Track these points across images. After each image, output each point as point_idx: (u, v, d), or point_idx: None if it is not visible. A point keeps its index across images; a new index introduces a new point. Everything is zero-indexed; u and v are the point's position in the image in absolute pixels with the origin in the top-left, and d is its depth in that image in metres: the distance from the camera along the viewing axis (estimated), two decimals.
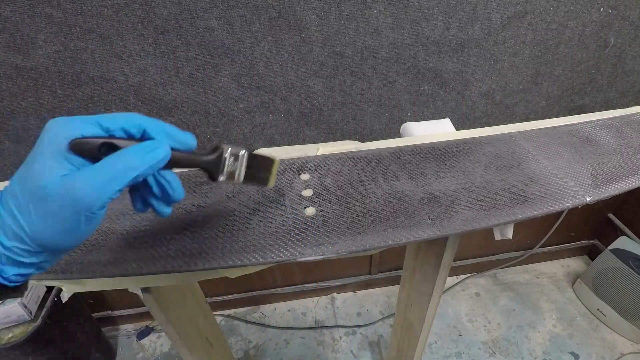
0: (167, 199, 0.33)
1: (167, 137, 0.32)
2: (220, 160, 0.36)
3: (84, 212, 0.27)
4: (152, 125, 0.31)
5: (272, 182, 0.42)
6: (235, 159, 0.37)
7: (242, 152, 0.37)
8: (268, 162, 0.41)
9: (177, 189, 0.33)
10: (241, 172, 0.37)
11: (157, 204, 0.33)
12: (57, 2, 0.70)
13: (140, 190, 0.33)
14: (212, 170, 0.36)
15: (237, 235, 0.42)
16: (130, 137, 0.31)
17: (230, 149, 0.36)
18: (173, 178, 0.33)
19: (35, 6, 0.70)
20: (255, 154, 0.39)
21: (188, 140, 0.34)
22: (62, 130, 0.29)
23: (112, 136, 0.30)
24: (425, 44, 0.87)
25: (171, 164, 0.32)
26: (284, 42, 0.82)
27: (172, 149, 0.32)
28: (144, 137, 0.31)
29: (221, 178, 0.36)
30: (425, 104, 0.99)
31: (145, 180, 0.32)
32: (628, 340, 1.36)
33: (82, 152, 0.28)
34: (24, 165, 0.28)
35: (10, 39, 0.73)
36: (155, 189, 0.32)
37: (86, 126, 0.29)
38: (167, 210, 0.34)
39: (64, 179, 0.27)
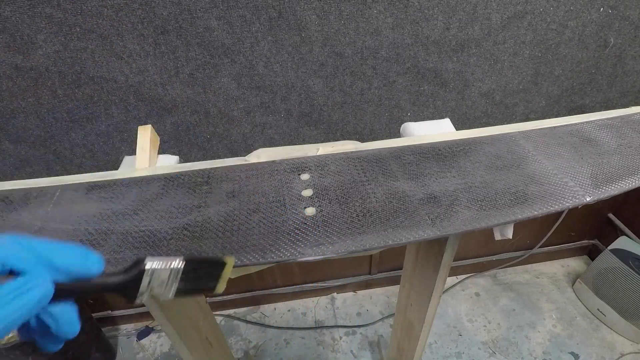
0: (54, 337, 0.26)
1: (48, 267, 0.24)
2: (139, 280, 0.29)
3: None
4: (23, 255, 0.23)
5: (221, 287, 0.33)
6: (163, 273, 0.29)
7: (176, 264, 0.29)
8: (216, 266, 0.32)
9: (66, 328, 0.26)
10: (172, 289, 0.30)
11: (42, 341, 0.26)
12: (57, 2, 0.70)
13: (24, 326, 0.26)
14: (128, 294, 0.29)
15: (237, 235, 0.42)
16: None
17: (155, 264, 0.29)
18: (64, 313, 0.26)
19: (35, 6, 0.70)
20: (198, 260, 0.32)
21: (84, 266, 0.26)
22: None
23: None
24: (425, 44, 0.87)
25: (61, 296, 0.25)
26: (284, 42, 0.82)
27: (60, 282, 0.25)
28: (13, 271, 0.23)
29: (140, 300, 0.29)
30: (425, 104, 0.99)
31: None
32: (628, 340, 1.36)
33: None
34: None
35: (10, 39, 0.73)
36: (36, 328, 0.26)
37: None
38: (54, 347, 0.27)
39: None
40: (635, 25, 0.95)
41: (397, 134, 0.66)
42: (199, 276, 0.31)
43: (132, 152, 0.58)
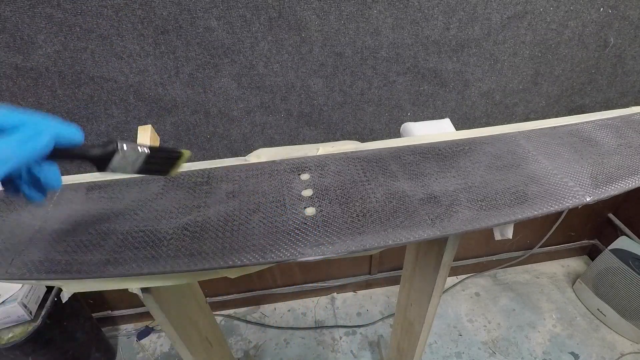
0: (41, 189, 0.33)
1: (49, 127, 0.31)
2: (111, 156, 0.36)
3: None
4: (31, 116, 0.30)
5: (174, 172, 0.43)
6: (131, 154, 0.37)
7: (142, 149, 0.38)
8: (174, 156, 0.42)
9: (52, 182, 0.32)
10: (134, 166, 0.38)
11: (29, 191, 0.33)
12: (57, 2, 0.70)
13: (13, 180, 0.32)
14: (99, 164, 0.36)
15: (237, 235, 0.42)
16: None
17: (125, 146, 0.37)
18: (51, 168, 0.32)
19: (35, 6, 0.70)
20: (160, 149, 0.40)
21: (72, 134, 0.33)
22: None
23: None
24: (425, 44, 0.87)
25: (52, 155, 0.31)
26: (284, 42, 0.82)
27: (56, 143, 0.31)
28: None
29: (109, 170, 0.37)
30: (425, 104, 0.99)
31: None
32: (628, 340, 1.36)
33: None
34: None
35: (10, 39, 0.73)
36: (26, 179, 0.32)
37: None
38: (40, 197, 0.33)
39: None
40: (635, 25, 0.95)
41: (397, 134, 0.66)
42: (158, 162, 0.40)
43: None
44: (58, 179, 0.33)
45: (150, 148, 0.38)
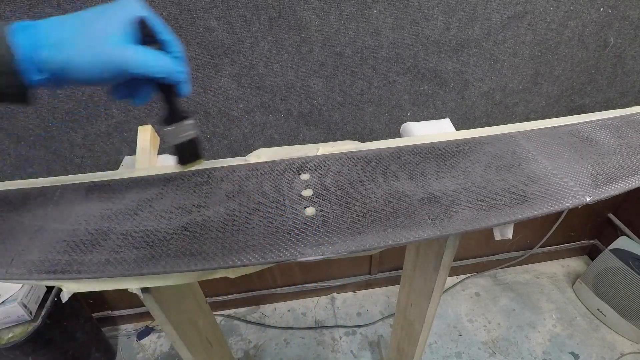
0: (143, 98, 0.42)
1: (184, 71, 0.41)
2: (180, 120, 0.45)
3: (114, 71, 0.35)
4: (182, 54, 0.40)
5: (185, 168, 0.51)
6: (187, 129, 0.47)
7: (194, 133, 0.47)
8: (196, 155, 0.51)
9: (145, 101, 0.42)
10: (178, 139, 0.47)
11: (138, 98, 0.41)
12: (57, 2, 0.70)
13: (136, 86, 0.40)
14: (167, 119, 0.45)
15: (237, 235, 0.42)
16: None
17: (192, 123, 0.46)
18: (150, 91, 0.42)
19: (35, 6, 0.70)
20: (195, 142, 0.49)
21: (186, 90, 0.42)
22: (133, 7, 0.36)
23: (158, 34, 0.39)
24: (425, 44, 0.87)
25: (165, 89, 0.41)
26: (284, 42, 0.82)
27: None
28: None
29: (167, 129, 0.46)
30: (425, 104, 0.99)
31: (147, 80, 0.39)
32: (628, 340, 1.36)
33: (141, 29, 0.37)
34: (78, 15, 0.35)
35: None
36: (138, 88, 0.41)
37: (148, 13, 0.37)
38: (144, 102, 0.42)
39: (119, 41, 0.35)
40: (635, 25, 0.95)
41: (397, 134, 0.66)
42: (187, 150, 0.49)
43: (132, 152, 0.58)
44: (148, 100, 0.42)
45: (195, 136, 0.48)
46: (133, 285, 0.46)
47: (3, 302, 1.00)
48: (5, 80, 0.32)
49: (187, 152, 0.50)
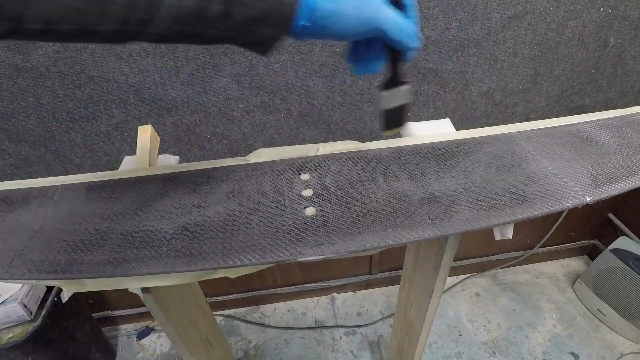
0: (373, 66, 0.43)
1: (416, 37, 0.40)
2: (399, 85, 0.45)
3: (371, 28, 0.36)
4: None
5: (387, 133, 0.50)
6: (404, 94, 0.46)
7: (409, 99, 0.47)
8: (400, 122, 0.49)
9: (379, 68, 0.43)
10: (389, 104, 0.46)
11: (373, 64, 0.43)
12: None
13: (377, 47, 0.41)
14: (387, 84, 0.46)
15: (237, 235, 0.42)
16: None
17: (408, 89, 0.46)
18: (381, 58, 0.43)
19: None
20: (405, 108, 0.48)
21: (413, 56, 0.42)
22: None
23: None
24: (425, 44, 0.87)
25: (395, 53, 0.42)
26: (284, 42, 0.82)
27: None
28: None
29: (384, 93, 0.46)
30: (425, 104, 0.99)
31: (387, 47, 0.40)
32: (628, 340, 1.36)
33: None
34: None
35: None
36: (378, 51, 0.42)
37: None
38: (377, 69, 0.43)
39: (381, 0, 0.36)
40: (635, 25, 0.95)
41: (397, 134, 0.66)
42: (397, 114, 0.48)
43: (132, 152, 0.58)
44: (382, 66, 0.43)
45: (407, 102, 0.47)
46: (133, 285, 0.46)
47: (3, 302, 1.00)
48: (275, 20, 0.32)
49: (394, 118, 0.48)
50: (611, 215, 1.50)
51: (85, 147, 0.92)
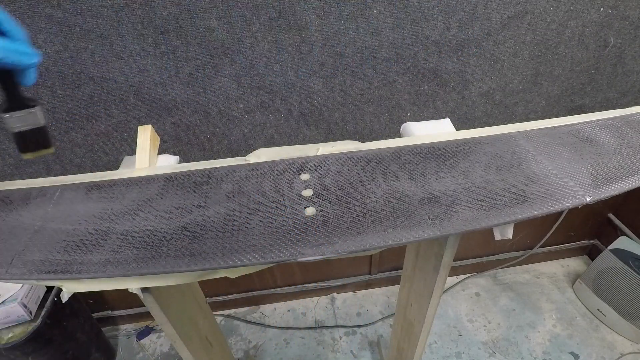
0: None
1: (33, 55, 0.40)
2: (23, 104, 0.44)
3: None
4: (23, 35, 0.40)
5: (27, 156, 0.48)
6: (30, 118, 0.45)
7: (42, 122, 0.45)
8: (44, 144, 0.48)
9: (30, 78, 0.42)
10: (18, 126, 0.45)
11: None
12: (57, 2, 0.70)
13: None
14: (13, 100, 0.43)
15: (237, 235, 0.42)
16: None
17: (35, 112, 0.44)
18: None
19: (35, 6, 0.70)
20: (44, 131, 0.46)
21: (28, 55, 0.41)
22: None
23: None
24: (425, 44, 0.87)
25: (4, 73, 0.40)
26: (284, 42, 0.82)
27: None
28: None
29: (5, 116, 0.44)
30: (425, 104, 0.99)
31: None
32: (628, 340, 1.36)
33: None
34: None
35: None
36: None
37: None
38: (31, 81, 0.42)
39: None
40: (635, 25, 0.95)
41: (397, 134, 0.66)
42: (35, 140, 0.47)
43: (132, 152, 0.58)
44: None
45: (43, 126, 0.46)
46: (133, 285, 0.46)
47: (3, 302, 1.00)
48: None
49: (33, 141, 0.47)
50: (611, 215, 1.50)
51: (85, 147, 0.92)
